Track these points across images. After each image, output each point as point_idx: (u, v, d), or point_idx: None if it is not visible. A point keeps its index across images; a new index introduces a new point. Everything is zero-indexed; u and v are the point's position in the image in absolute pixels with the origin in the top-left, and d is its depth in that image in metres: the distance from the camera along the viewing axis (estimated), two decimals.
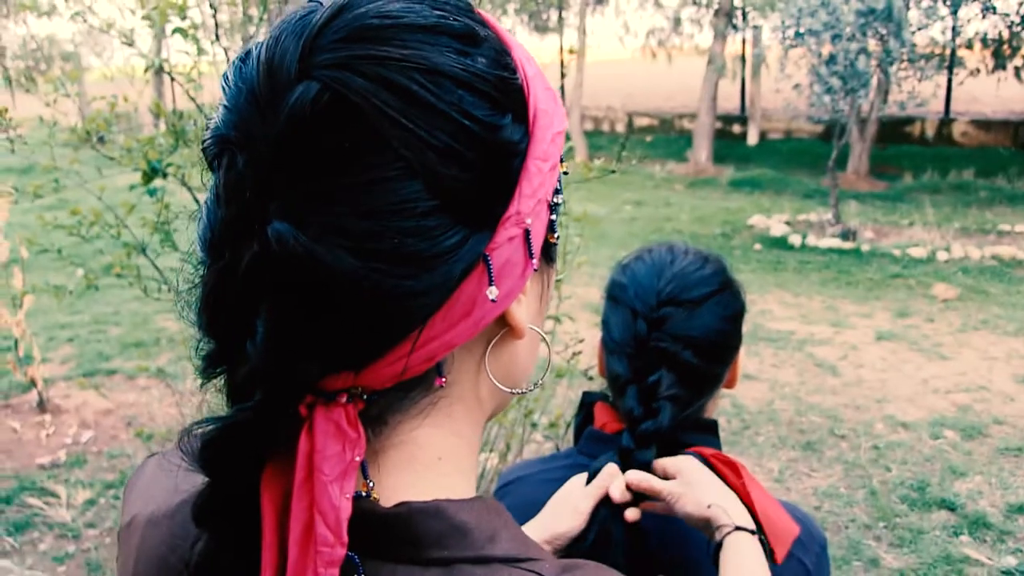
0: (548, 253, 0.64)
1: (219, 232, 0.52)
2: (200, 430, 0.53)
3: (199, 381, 0.56)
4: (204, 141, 0.55)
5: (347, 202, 0.50)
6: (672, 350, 1.19)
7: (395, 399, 0.57)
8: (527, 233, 0.57)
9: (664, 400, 1.18)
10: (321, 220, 0.49)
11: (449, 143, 0.51)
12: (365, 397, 0.55)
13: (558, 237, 0.63)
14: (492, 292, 0.55)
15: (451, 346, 0.55)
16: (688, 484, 1.12)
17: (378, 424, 0.57)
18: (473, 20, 0.56)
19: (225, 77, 0.55)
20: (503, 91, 0.55)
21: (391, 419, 0.58)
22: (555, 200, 0.60)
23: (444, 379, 0.59)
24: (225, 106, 0.53)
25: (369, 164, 0.50)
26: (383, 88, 0.50)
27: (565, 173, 0.64)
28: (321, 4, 0.53)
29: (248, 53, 0.54)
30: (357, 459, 0.53)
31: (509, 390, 0.64)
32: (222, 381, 0.55)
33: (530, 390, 0.68)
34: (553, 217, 0.61)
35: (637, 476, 1.14)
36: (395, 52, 0.51)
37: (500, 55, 0.56)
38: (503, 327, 0.60)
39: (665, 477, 1.16)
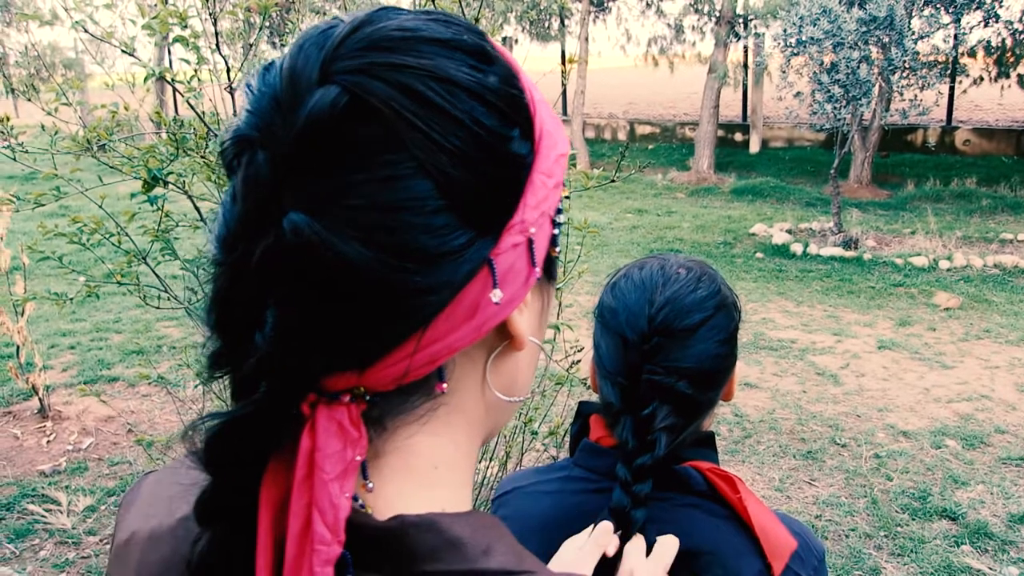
0: (549, 269, 0.66)
1: (234, 228, 0.53)
2: (204, 426, 0.54)
3: (200, 388, 0.56)
4: (223, 144, 0.57)
5: (360, 196, 0.51)
6: (666, 383, 1.17)
7: (396, 403, 0.59)
8: (531, 242, 0.58)
9: (659, 432, 1.16)
10: (335, 212, 0.51)
11: (460, 147, 0.53)
12: (368, 398, 0.56)
13: (559, 251, 0.65)
14: (496, 295, 0.57)
15: (453, 349, 0.57)
16: None
17: (378, 427, 0.58)
18: (485, 42, 0.59)
19: (248, 85, 0.57)
20: (512, 107, 0.57)
21: (390, 423, 0.59)
22: (557, 218, 0.62)
23: (445, 385, 0.60)
24: (248, 110, 0.55)
25: (383, 162, 0.52)
26: (400, 92, 0.52)
27: (567, 197, 0.66)
28: (342, 20, 0.56)
29: (272, 63, 0.57)
30: (358, 458, 0.54)
31: (508, 399, 0.66)
32: (223, 389, 0.56)
33: (525, 400, 0.69)
34: (555, 232, 0.63)
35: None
36: (412, 61, 0.53)
37: (510, 76, 0.59)
38: (504, 338, 0.62)
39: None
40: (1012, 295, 7.91)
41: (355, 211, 0.51)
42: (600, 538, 1.15)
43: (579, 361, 2.98)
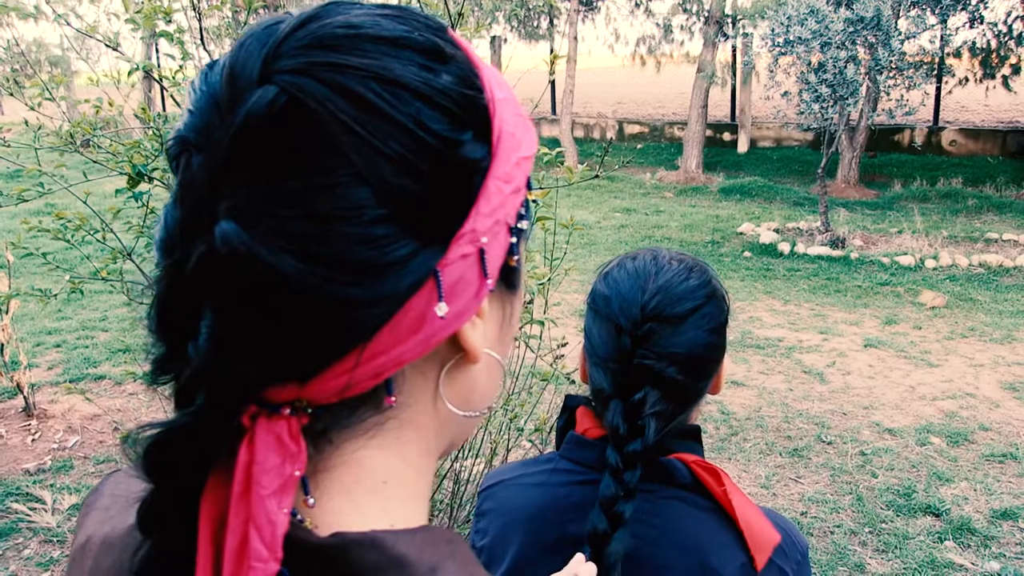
0: (510, 279, 0.63)
1: (173, 232, 0.51)
2: (144, 434, 0.52)
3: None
4: (167, 144, 0.55)
5: (295, 205, 0.49)
6: (657, 367, 1.18)
7: (342, 416, 0.56)
8: (482, 252, 0.55)
9: (649, 417, 1.17)
10: (267, 222, 0.49)
11: (402, 153, 0.51)
12: (310, 411, 0.54)
13: (518, 261, 0.62)
14: (441, 309, 0.54)
15: (400, 363, 0.54)
16: None
17: (322, 441, 0.56)
18: (441, 39, 0.56)
19: (192, 84, 0.55)
20: (465, 108, 0.54)
21: (336, 437, 0.57)
22: (518, 225, 0.59)
23: (394, 398, 0.57)
24: (189, 110, 0.53)
25: (319, 168, 0.49)
26: (339, 94, 0.50)
27: (535, 201, 0.64)
28: (291, 14, 0.54)
29: (216, 61, 0.55)
30: (296, 473, 0.52)
31: (464, 413, 0.63)
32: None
33: (484, 414, 0.66)
34: (514, 240, 0.59)
35: None
36: (355, 61, 0.51)
37: (467, 74, 0.56)
38: (458, 351, 0.59)
39: None
40: (997, 294, 7.96)
41: (288, 221, 0.49)
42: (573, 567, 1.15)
43: (563, 356, 2.98)
